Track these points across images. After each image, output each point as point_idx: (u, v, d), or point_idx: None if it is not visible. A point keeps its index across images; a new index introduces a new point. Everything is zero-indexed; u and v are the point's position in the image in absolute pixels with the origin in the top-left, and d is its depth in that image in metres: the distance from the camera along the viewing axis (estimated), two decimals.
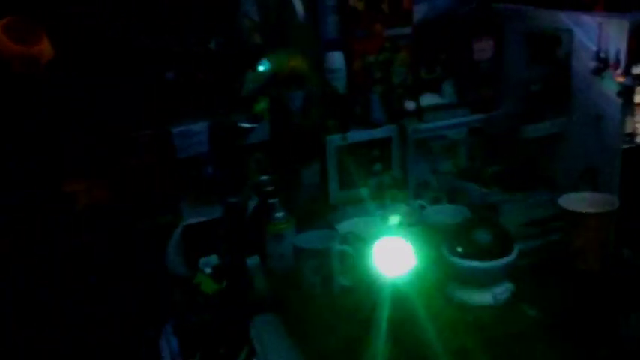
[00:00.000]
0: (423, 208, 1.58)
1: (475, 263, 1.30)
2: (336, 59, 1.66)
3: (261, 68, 1.57)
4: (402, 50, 1.71)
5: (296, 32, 1.66)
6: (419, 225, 1.49)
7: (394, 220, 1.42)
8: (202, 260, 1.47)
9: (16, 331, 1.36)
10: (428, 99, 1.74)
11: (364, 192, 1.69)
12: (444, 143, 1.74)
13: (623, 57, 1.40)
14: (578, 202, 1.41)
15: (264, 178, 1.56)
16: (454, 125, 1.73)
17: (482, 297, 1.32)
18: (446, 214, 1.50)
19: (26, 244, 1.39)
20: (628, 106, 1.40)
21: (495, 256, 1.30)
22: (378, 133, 1.70)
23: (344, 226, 1.47)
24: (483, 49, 1.72)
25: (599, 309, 1.28)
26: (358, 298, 1.33)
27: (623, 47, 1.41)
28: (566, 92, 1.55)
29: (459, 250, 1.33)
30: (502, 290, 1.32)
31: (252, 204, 1.54)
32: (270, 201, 1.49)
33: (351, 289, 1.37)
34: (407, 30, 1.71)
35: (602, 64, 1.43)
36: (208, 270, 1.46)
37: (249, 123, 1.58)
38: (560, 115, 1.58)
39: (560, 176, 1.61)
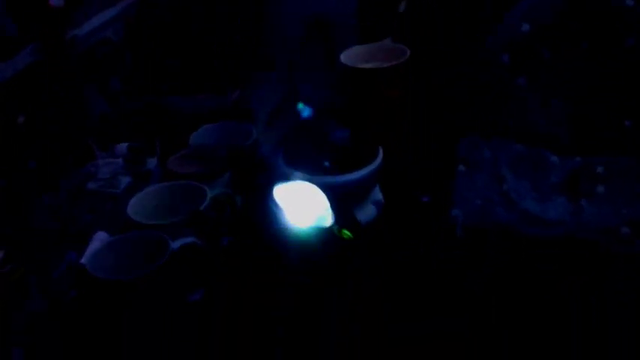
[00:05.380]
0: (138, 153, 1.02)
1: (361, 172, 0.90)
2: None
3: None
4: None
5: None
6: None
7: None
8: None
9: None
10: None
11: None
12: (107, 52, 1.14)
13: None
14: (362, 57, 1.11)
15: None
16: (114, 19, 1.14)
17: (370, 210, 0.94)
18: (224, 137, 1.00)
19: None
20: None
21: (371, 153, 0.92)
22: (18, 64, 0.99)
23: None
24: None
25: None
26: None
27: None
28: None
29: (327, 164, 0.90)
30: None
31: None
32: None
33: None
34: None
35: None
36: None
37: None
38: None
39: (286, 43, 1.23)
